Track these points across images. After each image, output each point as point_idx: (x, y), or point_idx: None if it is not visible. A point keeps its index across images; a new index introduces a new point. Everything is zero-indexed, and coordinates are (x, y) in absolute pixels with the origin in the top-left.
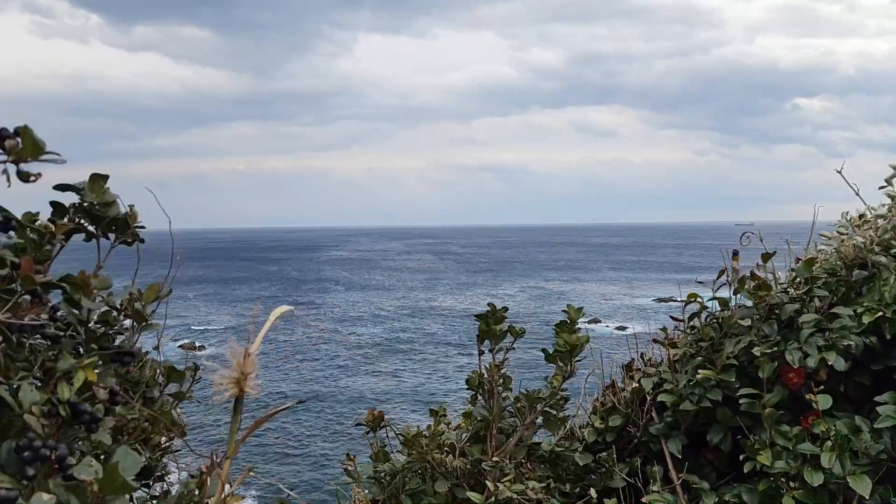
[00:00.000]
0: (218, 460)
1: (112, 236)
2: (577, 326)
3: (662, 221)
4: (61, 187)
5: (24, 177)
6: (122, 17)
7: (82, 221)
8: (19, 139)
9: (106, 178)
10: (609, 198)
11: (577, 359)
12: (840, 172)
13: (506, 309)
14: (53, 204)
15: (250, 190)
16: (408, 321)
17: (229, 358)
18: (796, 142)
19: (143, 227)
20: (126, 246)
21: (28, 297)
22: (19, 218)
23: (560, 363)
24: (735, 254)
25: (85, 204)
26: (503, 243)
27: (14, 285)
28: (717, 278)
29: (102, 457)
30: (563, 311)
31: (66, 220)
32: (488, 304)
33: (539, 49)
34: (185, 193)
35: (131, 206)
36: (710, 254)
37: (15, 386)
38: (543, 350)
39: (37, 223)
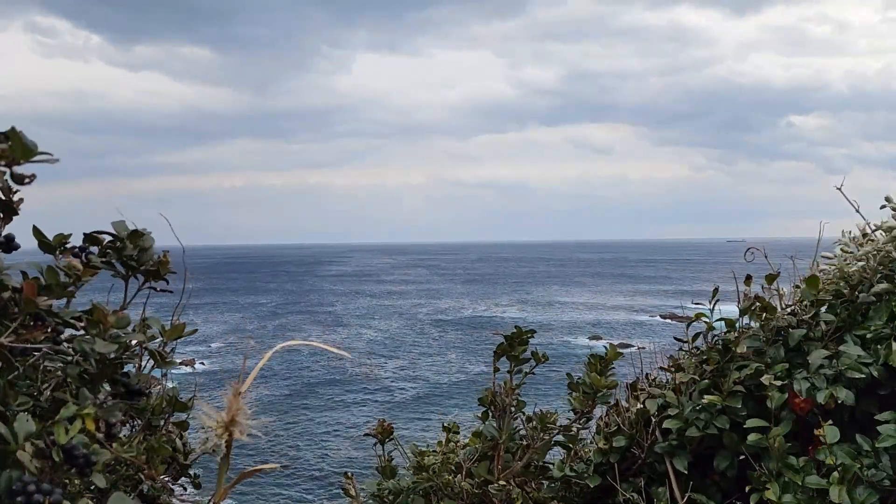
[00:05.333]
0: None
1: (140, 276)
2: (611, 367)
3: (662, 238)
4: (97, 234)
5: (19, 179)
6: (123, 36)
7: (113, 261)
8: (9, 143)
9: (143, 234)
10: (608, 214)
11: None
12: (840, 189)
13: (533, 332)
14: (88, 236)
15: (249, 207)
16: (406, 331)
17: (223, 400)
18: (793, 158)
19: (173, 273)
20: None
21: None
22: (50, 240)
23: (581, 397)
24: (748, 278)
25: (123, 254)
26: (503, 259)
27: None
28: (739, 302)
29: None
30: (604, 346)
31: (97, 252)
32: (515, 327)
33: (535, 67)
34: (184, 209)
35: (165, 253)
36: (700, 269)
37: (13, 414)
38: (568, 375)
39: (64, 261)
